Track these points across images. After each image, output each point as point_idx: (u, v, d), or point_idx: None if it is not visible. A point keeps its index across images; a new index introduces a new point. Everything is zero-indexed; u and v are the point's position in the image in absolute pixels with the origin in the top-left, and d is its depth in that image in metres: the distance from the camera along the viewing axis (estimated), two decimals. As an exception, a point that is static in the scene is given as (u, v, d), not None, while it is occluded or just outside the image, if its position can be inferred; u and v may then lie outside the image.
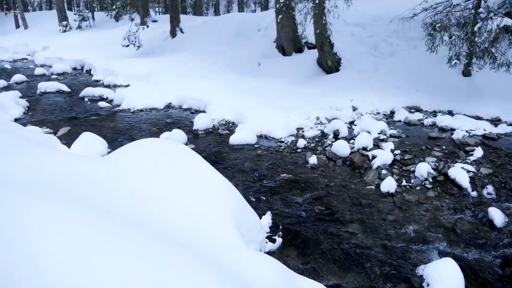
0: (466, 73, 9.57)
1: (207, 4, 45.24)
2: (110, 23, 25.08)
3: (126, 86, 12.37)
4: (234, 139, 7.29)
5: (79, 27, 27.99)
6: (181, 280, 1.89)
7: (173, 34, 19.19)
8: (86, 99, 10.83)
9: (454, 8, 9.00)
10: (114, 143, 7.16)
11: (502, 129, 7.48)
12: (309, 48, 13.10)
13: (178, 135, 7.17)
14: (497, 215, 4.57)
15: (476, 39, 8.02)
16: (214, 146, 7.26)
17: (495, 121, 8.07)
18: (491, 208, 4.70)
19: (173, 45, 18.04)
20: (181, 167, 3.36)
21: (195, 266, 2.07)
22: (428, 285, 3.44)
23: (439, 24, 8.60)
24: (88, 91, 11.07)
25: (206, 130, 8.11)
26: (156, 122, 8.79)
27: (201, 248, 2.43)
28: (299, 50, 13.18)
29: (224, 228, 2.68)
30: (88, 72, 15.51)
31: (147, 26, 18.61)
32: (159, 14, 33.08)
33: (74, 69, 16.50)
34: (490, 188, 5.29)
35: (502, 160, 6.10)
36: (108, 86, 12.46)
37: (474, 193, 5.25)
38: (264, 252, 3.81)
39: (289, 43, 12.99)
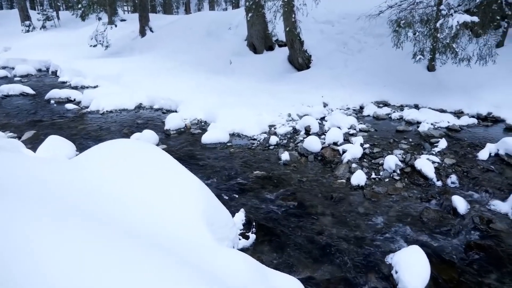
0: (431, 68, 9.92)
1: (178, 2, 44.69)
2: (76, 23, 24.34)
3: (95, 87, 12.08)
4: (206, 138, 7.27)
5: (43, 27, 27.04)
6: (153, 279, 1.89)
7: (142, 33, 18.89)
8: (52, 101, 10.51)
9: (418, 6, 9.30)
10: (82, 145, 7.00)
11: (464, 121, 7.81)
12: (280, 45, 13.21)
13: (149, 135, 7.09)
14: (460, 203, 4.78)
15: (438, 35, 8.31)
16: (187, 146, 7.22)
17: (458, 114, 8.41)
18: (454, 196, 4.91)
19: (143, 45, 17.76)
20: (151, 168, 3.34)
21: (167, 265, 2.08)
22: (396, 272, 3.56)
23: (404, 21, 8.87)
24: (54, 93, 10.74)
25: (178, 130, 8.05)
26: (127, 123, 8.64)
27: (172, 247, 2.43)
28: (270, 48, 13.26)
29: (195, 226, 2.69)
30: (54, 73, 15.03)
31: (115, 26, 18.22)
32: (128, 13, 32.43)
33: (39, 70, 15.96)
34: (453, 178, 5.52)
35: (464, 150, 6.38)
36: (75, 88, 12.13)
37: (439, 183, 5.47)
38: (238, 249, 3.84)
39: (260, 41, 13.05)
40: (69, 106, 9.93)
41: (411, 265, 3.48)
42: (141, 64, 13.89)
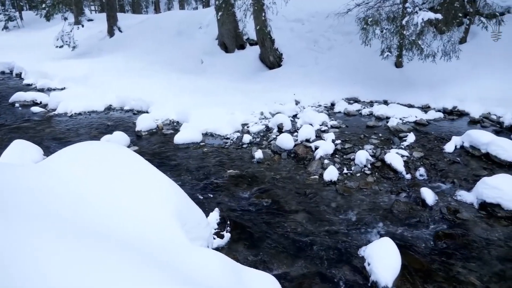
0: (398, 64, 10.19)
1: (147, 2, 43.95)
2: (41, 23, 23.52)
3: (62, 89, 11.71)
4: (179, 139, 7.19)
5: (5, 27, 26.01)
6: (123, 281, 1.86)
7: (110, 33, 18.46)
8: (17, 104, 10.11)
9: (384, 3, 9.52)
10: (50, 149, 6.77)
11: (431, 115, 8.07)
12: (251, 44, 13.22)
13: (120, 137, 6.94)
14: (428, 195, 4.94)
15: (404, 32, 8.53)
16: (159, 147, 7.12)
17: (425, 108, 8.68)
18: (423, 188, 5.06)
19: (112, 45, 17.36)
20: (120, 170, 3.26)
21: (137, 267, 2.04)
22: (369, 264, 3.64)
23: (371, 19, 9.06)
24: (19, 96, 10.33)
25: (150, 130, 7.92)
26: (96, 125, 8.43)
27: (143, 249, 2.39)
28: (241, 47, 13.26)
29: (167, 227, 2.66)
30: (18, 75, 14.44)
31: (82, 26, 17.70)
32: (95, 12, 31.63)
33: (2, 73, 15.33)
34: (422, 170, 5.69)
35: (432, 144, 6.59)
36: (41, 90, 11.71)
37: (408, 176, 5.63)
38: (212, 248, 3.82)
39: (231, 40, 13.01)
40: (35, 109, 9.58)
41: (383, 257, 3.56)
42: (110, 64, 13.57)
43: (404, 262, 3.70)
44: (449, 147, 6.28)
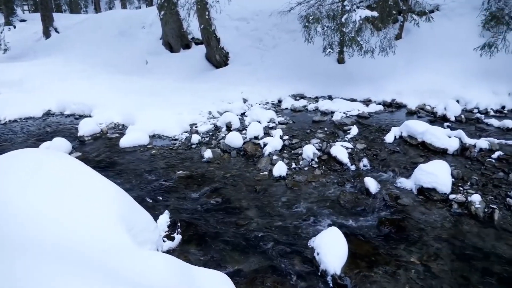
0: (340, 60, 10.57)
1: (86, 1, 41.95)
2: (-34, 24, 21.69)
3: (-7, 95, 10.88)
4: (125, 142, 6.97)
5: None
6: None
7: (46, 34, 17.44)
8: None
9: (325, 1, 9.83)
10: (-18, 160, 6.27)
11: (372, 108, 8.48)
12: (196, 43, 13.10)
13: (60, 143, 6.59)
14: (372, 184, 5.18)
15: (344, 29, 8.88)
16: (104, 151, 6.85)
17: (367, 102, 9.10)
18: (366, 178, 5.30)
19: (48, 47, 16.42)
20: (61, 177, 3.10)
21: (82, 276, 1.96)
22: (318, 254, 3.75)
23: (312, 17, 9.31)
24: None
25: (93, 135, 7.60)
26: (34, 132, 7.94)
27: (88, 257, 2.30)
28: (187, 46, 13.09)
29: (112, 233, 2.57)
30: None
31: (14, 27, 16.62)
32: (28, 12, 29.70)
33: None
34: (365, 161, 5.96)
35: (373, 135, 6.92)
36: (-31, 97, 10.80)
37: (353, 167, 5.87)
38: (163, 251, 3.75)
39: (175, 39, 12.80)
40: (-38, 118, 8.84)
41: (330, 246, 3.69)
42: (48, 67, 12.81)
43: (351, 249, 3.86)
44: (389, 138, 6.64)
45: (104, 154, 6.74)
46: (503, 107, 8.54)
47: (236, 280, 3.48)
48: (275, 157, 6.14)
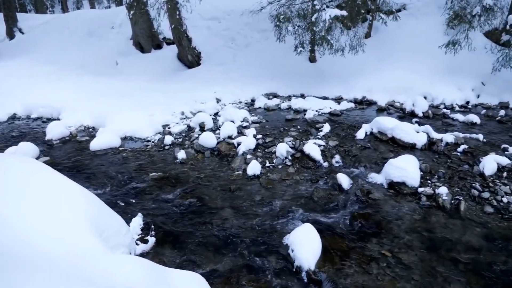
0: (312, 59, 10.70)
1: (52, 0, 40.62)
2: None
3: (-47, 99, 10.38)
4: (95, 145, 6.81)
5: None
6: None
7: (10, 35, 16.78)
8: None
9: (295, 1, 9.93)
10: None
11: (344, 106, 8.62)
12: (168, 43, 12.94)
13: (27, 148, 6.37)
14: (344, 180, 5.28)
15: (314, 28, 8.98)
16: (74, 155, 6.67)
17: (338, 100, 9.25)
18: (339, 174, 5.40)
19: (12, 48, 15.79)
20: (27, 183, 3.00)
21: (45, 281, 1.91)
22: (292, 251, 3.80)
23: (283, 16, 9.39)
24: None
25: (62, 138, 7.38)
26: (-2, 137, 7.64)
27: (54, 261, 2.24)
28: (158, 46, 12.91)
29: (81, 236, 2.51)
30: None
31: (-26, 28, 15.86)
32: (-10, 13, 28.44)
33: None
34: (337, 158, 6.07)
35: (345, 132, 7.05)
36: None
37: (325, 164, 5.96)
38: (136, 254, 3.70)
39: (146, 39, 12.60)
40: None
41: (305, 242, 3.74)
42: (12, 70, 12.32)
43: (324, 244, 3.93)
44: (360, 134, 6.77)
45: (74, 158, 6.56)
46: (467, 103, 8.88)
47: (211, 280, 3.48)
48: (249, 156, 6.15)
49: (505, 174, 5.29)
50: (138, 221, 4.40)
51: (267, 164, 6.00)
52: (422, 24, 11.15)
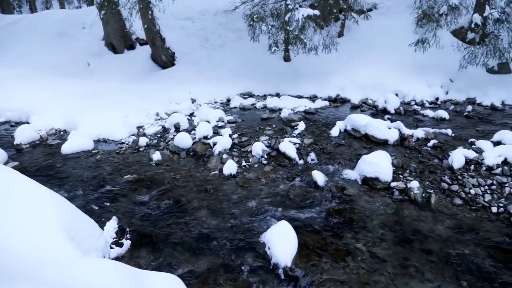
0: (286, 58, 10.78)
1: (19, 0, 39.27)
2: None
3: None
4: (67, 148, 6.64)
5: None
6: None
7: (-26, 36, 16.12)
8: None
9: (269, 0, 9.98)
10: None
11: (318, 104, 8.74)
12: (141, 44, 12.76)
13: (-6, 153, 6.16)
14: (319, 177, 5.35)
15: (288, 27, 9.06)
16: (44, 159, 6.48)
17: (313, 98, 9.37)
18: (314, 171, 5.47)
19: (-23, 50, 15.20)
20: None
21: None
22: (269, 248, 3.82)
23: (257, 15, 9.42)
24: None
25: (32, 143, 7.16)
26: (-37, 142, 7.34)
27: (21, 267, 2.18)
28: (131, 47, 12.72)
29: (51, 241, 2.45)
30: None
31: None
32: (-48, 13, 27.27)
33: None
34: (312, 155, 6.14)
35: (320, 130, 7.14)
36: None
37: (301, 162, 6.03)
38: (111, 258, 3.64)
39: (118, 40, 12.39)
40: None
41: (281, 240, 3.78)
42: (-23, 72, 11.87)
43: (301, 241, 3.98)
44: (334, 132, 6.88)
45: (44, 162, 6.38)
46: (437, 99, 9.17)
47: (188, 281, 3.46)
48: (225, 156, 6.15)
49: (472, 167, 5.49)
50: (112, 224, 4.32)
51: (243, 163, 6.01)
52: (393, 23, 11.43)
